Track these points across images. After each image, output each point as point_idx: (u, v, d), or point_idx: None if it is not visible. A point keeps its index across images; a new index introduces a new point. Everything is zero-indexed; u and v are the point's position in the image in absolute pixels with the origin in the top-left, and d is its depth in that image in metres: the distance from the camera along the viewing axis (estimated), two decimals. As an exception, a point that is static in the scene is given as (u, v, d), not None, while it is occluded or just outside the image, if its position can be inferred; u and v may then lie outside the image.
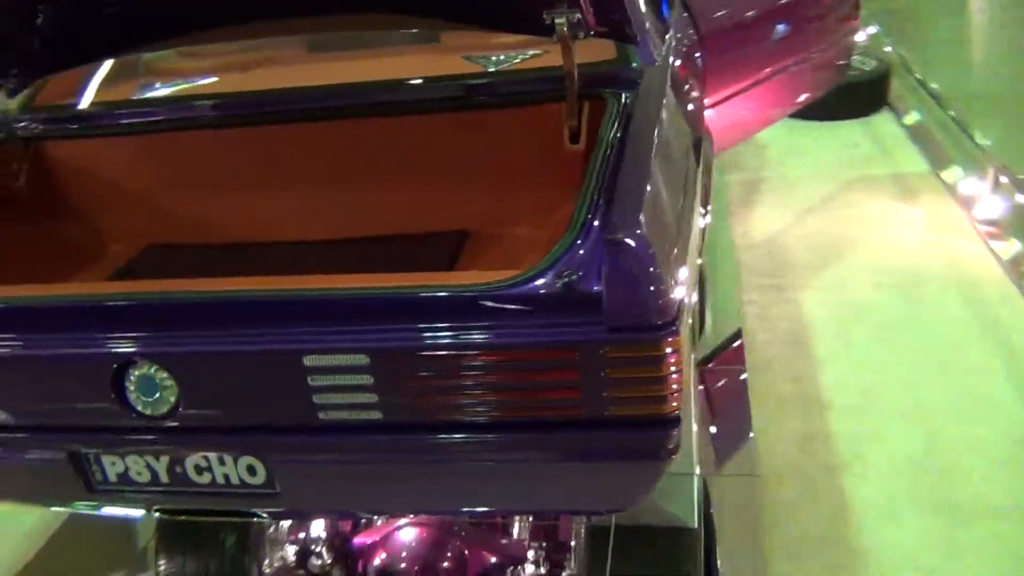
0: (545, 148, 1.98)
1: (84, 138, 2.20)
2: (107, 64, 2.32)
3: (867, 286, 3.33)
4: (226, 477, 1.56)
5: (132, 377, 1.47)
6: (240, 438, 1.51)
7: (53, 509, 2.36)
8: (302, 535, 2.13)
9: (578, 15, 1.73)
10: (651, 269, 1.32)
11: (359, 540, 2.18)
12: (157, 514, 1.73)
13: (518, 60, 2.12)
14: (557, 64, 1.90)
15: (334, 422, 1.45)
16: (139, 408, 1.49)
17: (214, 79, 2.43)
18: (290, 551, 2.15)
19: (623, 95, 1.86)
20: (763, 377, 2.84)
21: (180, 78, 2.43)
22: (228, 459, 1.54)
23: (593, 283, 1.33)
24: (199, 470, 1.56)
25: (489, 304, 1.36)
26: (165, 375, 1.46)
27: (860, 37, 5.39)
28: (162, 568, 2.20)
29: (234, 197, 2.23)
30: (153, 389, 1.48)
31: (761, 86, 3.42)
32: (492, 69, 2.10)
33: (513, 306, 1.35)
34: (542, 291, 1.35)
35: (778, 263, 3.59)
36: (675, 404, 1.38)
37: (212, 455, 1.54)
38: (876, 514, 2.26)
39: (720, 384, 2.69)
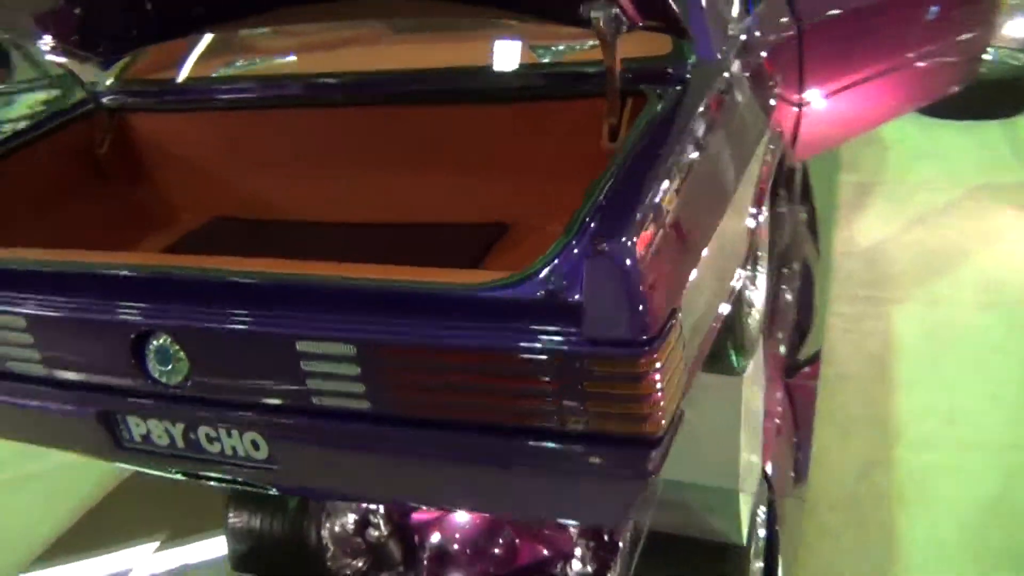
0: (592, 144, 1.93)
1: (163, 112, 2.32)
2: (192, 41, 2.43)
3: (971, 306, 3.07)
4: (233, 449, 1.62)
5: (151, 346, 1.55)
6: (244, 414, 1.56)
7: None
8: (364, 505, 2.18)
9: (615, 10, 1.66)
10: (635, 282, 1.26)
11: (417, 516, 2.22)
12: (179, 475, 1.82)
13: (571, 52, 2.07)
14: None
15: (326, 407, 1.48)
16: (156, 376, 1.57)
17: (287, 60, 2.50)
18: (350, 519, 2.20)
19: (667, 93, 1.78)
20: (836, 396, 2.68)
21: (257, 57, 2.51)
22: (235, 432, 1.60)
23: (576, 292, 1.29)
24: (210, 439, 1.63)
25: (473, 305, 1.34)
26: (177, 347, 1.53)
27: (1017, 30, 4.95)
28: (231, 520, 2.30)
29: (298, 176, 2.30)
30: (168, 359, 1.55)
31: (875, 81, 3.21)
32: (544, 61, 2.05)
33: (496, 309, 1.33)
34: (526, 296, 1.32)
35: (878, 274, 3.36)
36: (657, 424, 1.32)
37: (221, 427, 1.60)
38: (926, 558, 2.09)
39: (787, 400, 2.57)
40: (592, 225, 1.34)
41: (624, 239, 1.28)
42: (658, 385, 1.29)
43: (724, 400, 2.30)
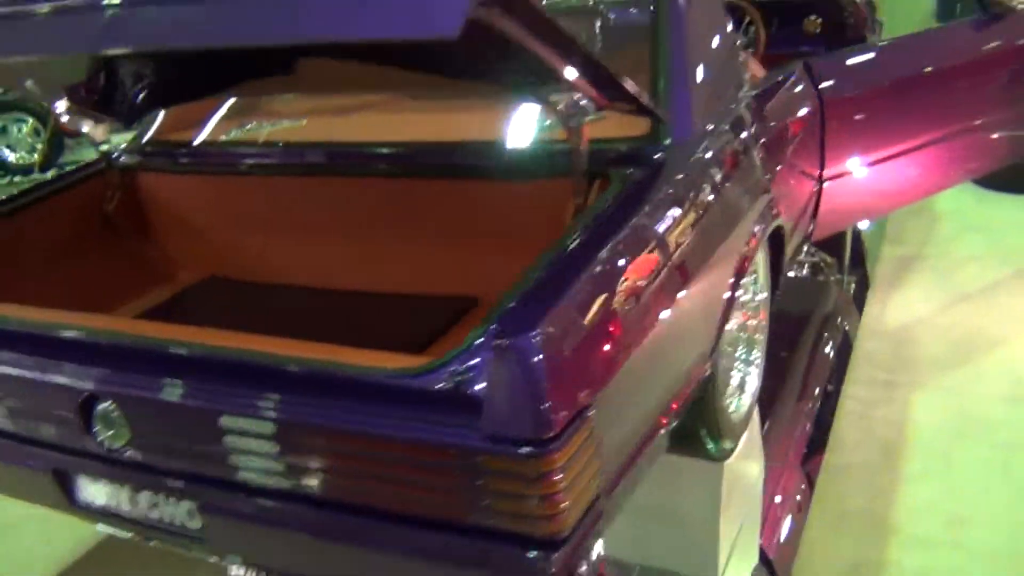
0: (562, 224, 1.92)
1: (170, 173, 2.42)
2: (203, 106, 2.53)
3: (998, 398, 2.91)
4: (172, 516, 1.64)
5: (97, 409, 1.59)
6: (178, 483, 1.58)
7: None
8: None
9: (577, 97, 1.65)
10: (535, 381, 1.23)
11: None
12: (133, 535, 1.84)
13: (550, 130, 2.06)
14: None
15: (250, 483, 1.48)
16: (101, 439, 1.61)
17: (282, 127, 2.57)
18: None
19: (630, 176, 1.76)
20: (836, 485, 2.56)
21: (261, 124, 2.59)
22: (172, 500, 1.62)
23: (479, 385, 1.27)
24: (151, 505, 1.65)
25: (384, 391, 1.34)
26: (120, 413, 1.56)
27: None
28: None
29: (288, 241, 2.36)
30: (112, 424, 1.59)
31: (915, 154, 3.11)
32: (527, 138, 2.06)
33: (405, 396, 1.32)
34: (432, 386, 1.30)
35: (903, 356, 3.22)
36: (560, 525, 1.28)
37: (160, 494, 1.63)
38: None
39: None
40: (505, 318, 1.32)
41: (529, 335, 1.25)
42: (559, 485, 1.25)
43: (703, 486, 2.23)
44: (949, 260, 3.96)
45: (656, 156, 1.84)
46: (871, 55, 3.09)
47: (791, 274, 4.09)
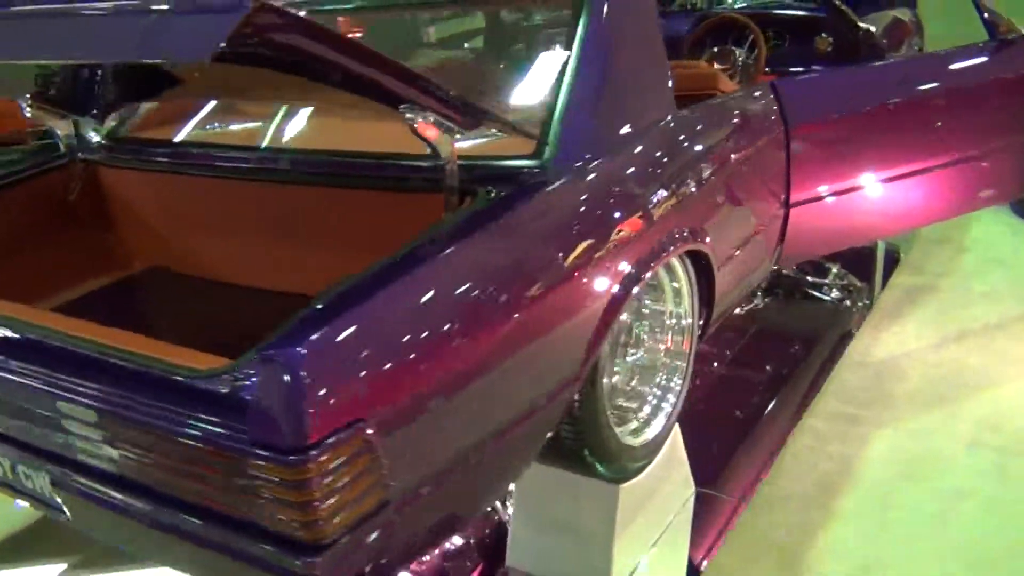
0: None
1: (127, 168, 2.57)
2: (168, 106, 2.68)
3: (961, 442, 2.78)
4: (42, 489, 1.77)
5: None
6: (38, 459, 1.72)
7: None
8: None
9: (427, 112, 1.70)
10: (296, 390, 1.30)
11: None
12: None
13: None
14: (466, 153, 1.90)
15: (88, 465, 1.60)
16: None
17: (226, 130, 2.69)
18: None
19: (493, 195, 1.79)
20: (764, 516, 2.51)
21: (210, 127, 2.71)
22: (39, 475, 1.75)
23: (252, 392, 1.34)
24: (26, 476, 1.79)
25: (176, 389, 1.43)
26: None
27: None
28: None
29: (220, 240, 2.51)
30: None
31: (897, 182, 3.01)
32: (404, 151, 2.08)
33: (191, 396, 1.41)
34: (215, 389, 1.39)
35: (877, 391, 3.11)
36: (320, 532, 1.34)
37: (31, 468, 1.76)
38: None
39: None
40: (289, 328, 1.39)
41: (294, 348, 1.32)
42: (317, 493, 1.32)
43: (598, 505, 2.24)
44: (961, 295, 3.79)
45: (530, 178, 1.87)
46: (850, 77, 3.00)
47: (820, 295, 4.02)
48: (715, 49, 3.68)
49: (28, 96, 2.38)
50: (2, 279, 2.14)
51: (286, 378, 1.30)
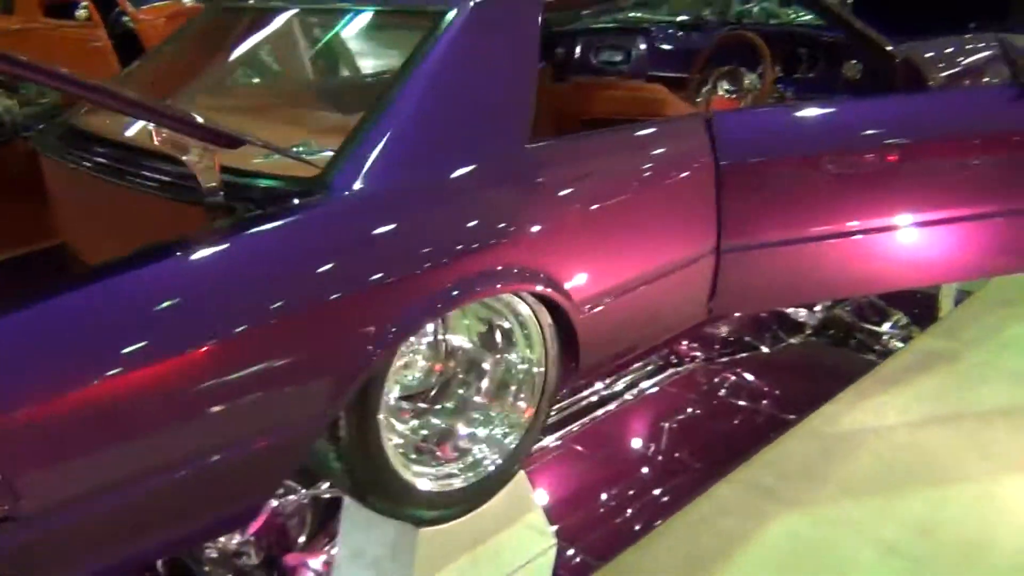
0: None
1: (48, 151, 2.60)
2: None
3: (878, 542, 2.43)
4: None
5: None
6: None
7: None
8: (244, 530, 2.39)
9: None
10: None
11: (293, 557, 2.44)
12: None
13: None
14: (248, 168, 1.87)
15: None
16: None
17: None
18: (233, 541, 2.41)
19: (245, 214, 1.75)
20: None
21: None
22: None
23: None
24: None
25: None
26: None
27: None
28: None
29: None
30: None
31: (870, 236, 2.71)
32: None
33: None
34: None
35: (814, 467, 2.77)
36: None
37: None
38: None
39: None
40: None
41: None
42: None
43: (400, 545, 2.17)
44: (983, 371, 3.30)
45: (303, 201, 1.80)
46: (810, 113, 2.67)
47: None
48: (725, 69, 3.40)
49: None
50: None
51: None
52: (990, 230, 2.83)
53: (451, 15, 2.07)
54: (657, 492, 2.75)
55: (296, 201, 1.80)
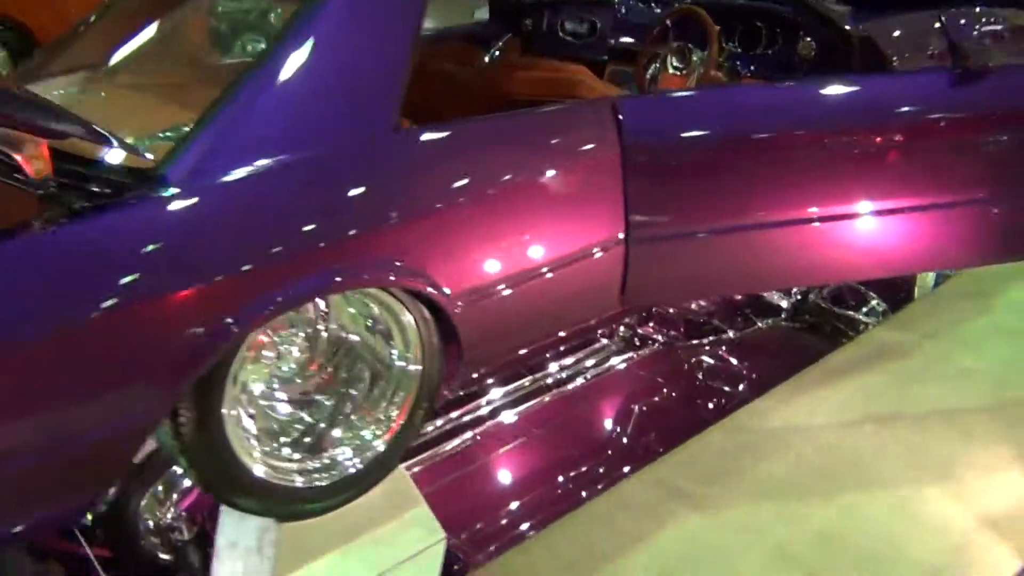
0: None
1: None
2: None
3: (774, 548, 2.35)
4: None
5: None
6: None
7: None
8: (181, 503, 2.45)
9: None
10: None
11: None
12: None
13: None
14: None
15: None
16: None
17: None
18: (169, 514, 2.46)
19: (66, 204, 1.70)
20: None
21: None
22: None
23: None
24: None
25: None
26: None
27: None
28: None
29: None
30: None
31: (792, 227, 2.59)
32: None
33: None
34: None
35: (729, 466, 2.69)
36: None
37: None
38: None
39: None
40: None
41: None
42: None
43: (263, 539, 2.15)
44: (936, 368, 3.16)
45: (134, 192, 1.75)
46: (724, 98, 2.53)
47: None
48: (675, 45, 3.24)
49: None
50: None
51: None
52: (929, 222, 2.68)
53: None
54: (570, 485, 2.71)
55: (129, 193, 1.75)
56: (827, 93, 2.58)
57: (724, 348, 3.59)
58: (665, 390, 3.34)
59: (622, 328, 3.71)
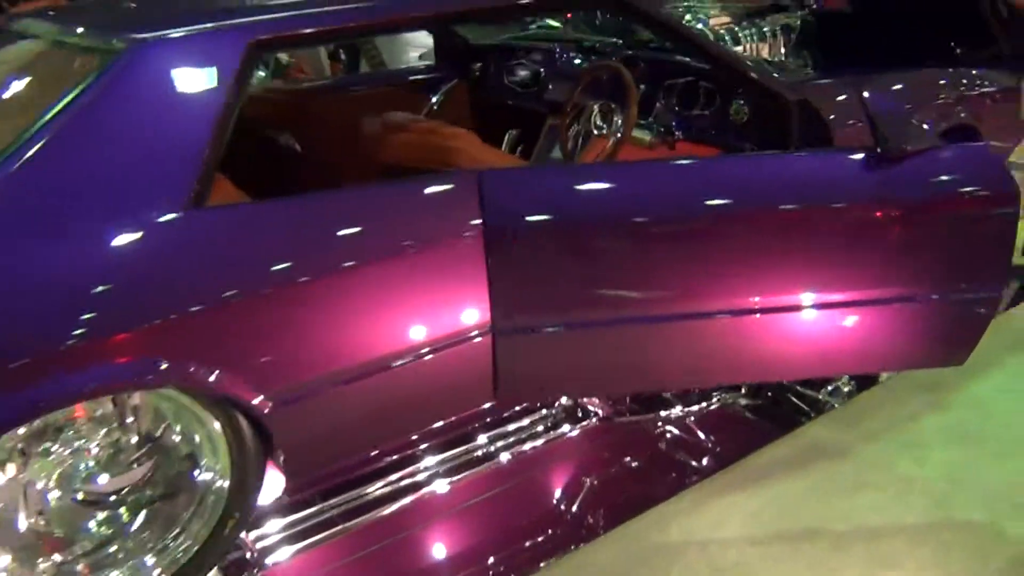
0: None
1: None
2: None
3: None
4: None
5: None
6: None
7: None
8: None
9: None
10: None
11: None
12: None
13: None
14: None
15: None
16: None
17: None
18: None
19: None
20: None
21: None
22: None
23: None
24: None
25: None
26: None
27: None
28: None
29: None
30: None
31: (675, 323, 2.33)
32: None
33: None
34: None
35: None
36: None
37: None
38: None
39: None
40: None
41: None
42: None
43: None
44: (862, 477, 2.81)
45: None
46: (603, 173, 2.27)
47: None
48: (597, 104, 2.97)
49: None
50: None
51: None
52: (823, 320, 2.38)
53: (117, 55, 1.76)
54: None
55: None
56: (719, 173, 2.30)
57: (666, 428, 3.27)
58: (582, 476, 3.03)
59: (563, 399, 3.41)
